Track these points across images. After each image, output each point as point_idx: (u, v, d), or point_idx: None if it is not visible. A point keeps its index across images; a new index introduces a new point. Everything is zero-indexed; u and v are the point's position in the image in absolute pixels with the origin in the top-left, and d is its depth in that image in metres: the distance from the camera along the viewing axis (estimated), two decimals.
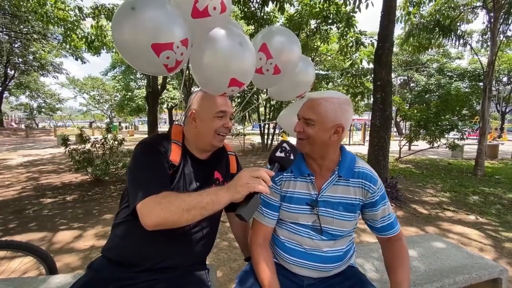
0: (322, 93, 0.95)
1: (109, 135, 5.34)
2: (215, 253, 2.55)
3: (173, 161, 0.96)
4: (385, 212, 1.00)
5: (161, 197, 0.80)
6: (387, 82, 4.09)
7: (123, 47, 0.95)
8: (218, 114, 1.02)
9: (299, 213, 0.99)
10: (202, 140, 1.03)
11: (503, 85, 23.39)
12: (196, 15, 1.03)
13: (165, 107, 20.11)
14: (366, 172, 0.99)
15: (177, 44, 0.95)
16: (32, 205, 3.91)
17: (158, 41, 0.91)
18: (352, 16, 7.15)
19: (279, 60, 1.22)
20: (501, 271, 1.32)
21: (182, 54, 0.99)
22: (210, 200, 0.77)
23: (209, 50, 1.03)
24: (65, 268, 2.27)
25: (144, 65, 1.00)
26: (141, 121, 50.47)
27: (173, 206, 0.77)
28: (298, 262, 1.00)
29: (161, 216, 0.77)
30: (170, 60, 0.96)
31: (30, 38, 16.38)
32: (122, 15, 0.90)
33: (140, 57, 0.95)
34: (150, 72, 1.10)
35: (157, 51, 0.92)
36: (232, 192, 0.77)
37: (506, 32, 7.26)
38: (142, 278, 0.91)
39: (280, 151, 0.84)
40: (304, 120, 0.95)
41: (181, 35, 0.96)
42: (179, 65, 1.03)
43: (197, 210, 0.76)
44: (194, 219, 0.78)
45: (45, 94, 30.46)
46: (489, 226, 3.42)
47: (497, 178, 6.47)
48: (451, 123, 7.40)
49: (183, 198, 0.79)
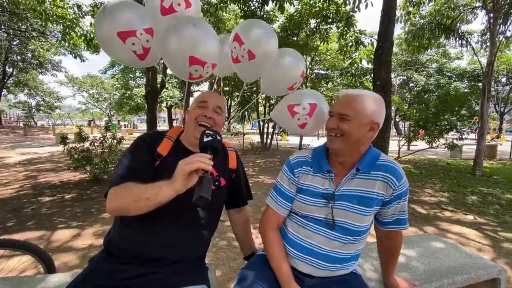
0: (356, 90, 0.95)
1: (108, 133, 5.33)
2: (214, 252, 2.54)
3: (160, 152, 1.03)
4: (396, 210, 0.99)
5: (119, 188, 0.88)
6: (386, 82, 4.09)
7: (101, 39, 1.16)
8: (199, 104, 1.09)
9: (313, 205, 0.99)
10: (188, 132, 1.08)
11: (502, 86, 23.43)
12: (164, 12, 1.23)
13: (164, 106, 20.02)
14: (392, 166, 0.96)
15: (140, 32, 1.12)
16: (30, 204, 3.89)
17: (123, 29, 1.11)
18: (352, 15, 7.16)
19: (251, 44, 1.28)
20: (500, 271, 1.32)
21: (148, 41, 1.16)
22: (154, 192, 0.80)
23: (169, 36, 1.18)
24: (63, 267, 2.26)
25: (116, 52, 1.18)
26: (140, 119, 50.37)
27: (124, 197, 0.85)
28: (302, 257, 1.00)
29: (116, 203, 0.86)
30: (136, 46, 1.14)
31: (29, 35, 16.31)
32: (99, 14, 1.14)
33: (112, 45, 1.14)
34: (124, 60, 1.25)
35: (122, 38, 1.11)
36: (172, 182, 0.79)
37: (506, 33, 7.27)
38: (141, 271, 0.92)
39: (206, 137, 0.87)
40: (339, 116, 0.94)
41: (145, 24, 1.14)
42: (148, 52, 1.19)
43: (142, 201, 0.81)
44: (142, 209, 0.82)
45: (44, 92, 30.37)
46: (487, 226, 3.43)
47: (495, 178, 6.49)
48: (450, 123, 7.41)
49: (133, 189, 0.85)
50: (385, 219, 1.02)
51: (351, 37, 7.90)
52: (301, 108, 1.32)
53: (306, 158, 1.05)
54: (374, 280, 1.22)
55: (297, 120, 1.34)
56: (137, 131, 29.50)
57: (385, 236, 1.07)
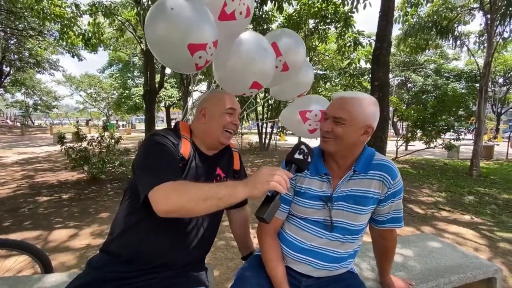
0: (352, 93, 0.94)
1: (106, 133, 5.31)
2: (212, 252, 2.54)
3: (184, 155, 0.96)
4: (391, 208, 0.99)
5: (179, 183, 0.79)
6: (384, 83, 4.10)
7: (158, 45, 1.02)
8: (228, 110, 1.04)
9: (311, 208, 0.99)
10: (211, 136, 1.04)
11: (499, 86, 23.59)
12: (223, 18, 1.11)
13: (162, 105, 19.99)
14: (387, 165, 0.96)
15: (209, 45, 1.02)
16: (27, 204, 3.87)
17: (195, 42, 0.98)
18: (350, 16, 7.17)
19: (288, 57, 1.30)
20: (496, 271, 1.33)
21: (212, 54, 1.06)
22: (227, 193, 0.75)
23: (236, 53, 1.09)
24: (60, 267, 2.26)
25: (175, 61, 1.07)
26: (139, 119, 50.21)
27: (190, 194, 0.76)
28: (300, 257, 1.00)
29: (177, 202, 0.75)
30: (201, 60, 1.03)
31: (26, 34, 16.18)
32: (158, 14, 0.96)
33: (173, 54, 1.02)
34: (179, 69, 1.17)
35: (191, 51, 1.00)
36: (250, 188, 0.76)
37: (503, 34, 7.31)
38: (141, 276, 0.91)
39: (299, 153, 0.83)
40: (333, 119, 0.92)
41: (214, 37, 1.03)
42: (207, 63, 1.10)
43: (213, 201, 0.75)
44: (210, 210, 0.76)
45: (41, 92, 30.15)
46: (484, 226, 3.45)
47: (492, 178, 6.53)
48: (447, 124, 7.45)
49: (201, 187, 0.78)
50: (380, 218, 1.02)
51: (350, 38, 7.92)
52: (313, 114, 1.38)
53: None
54: (371, 279, 1.22)
55: (308, 125, 1.40)
56: (135, 130, 29.41)
57: (380, 236, 1.08)
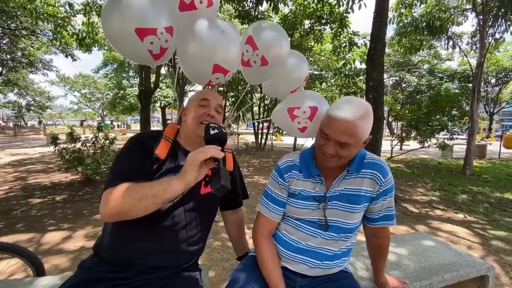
0: (353, 111, 0.86)
1: (101, 133, 5.26)
2: (207, 253, 2.53)
3: (158, 155, 0.96)
4: (383, 206, 1.00)
5: (116, 188, 0.80)
6: (379, 83, 4.13)
7: (111, 34, 1.00)
8: (201, 102, 1.04)
9: (306, 208, 0.99)
10: (189, 131, 1.04)
11: (491, 87, 23.93)
12: (183, 8, 1.09)
13: (158, 105, 19.85)
14: (378, 163, 0.98)
15: (161, 30, 0.99)
16: (20, 206, 3.81)
17: (142, 26, 0.96)
18: (346, 16, 7.20)
19: (265, 51, 1.22)
20: (488, 269, 1.34)
21: (167, 41, 1.03)
22: (161, 188, 0.75)
23: (194, 40, 1.07)
24: (53, 270, 2.23)
25: (128, 50, 1.05)
26: (134, 119, 49.84)
27: (125, 196, 0.77)
28: (295, 257, 1.01)
29: (114, 206, 0.77)
30: (154, 46, 1.01)
31: (19, 34, 15.95)
32: (109, 5, 0.97)
33: (126, 42, 0.99)
34: (136, 59, 1.13)
35: (140, 36, 0.97)
36: (183, 176, 0.75)
37: (495, 35, 7.43)
38: (133, 277, 0.90)
39: (212, 129, 0.86)
40: (337, 143, 0.88)
41: (166, 22, 1.01)
42: (164, 52, 1.07)
43: (148, 199, 0.75)
44: (148, 208, 0.76)
45: (34, 92, 29.70)
46: (477, 224, 3.50)
47: (485, 177, 6.63)
48: (441, 123, 7.54)
49: (136, 188, 0.78)
50: (373, 216, 1.03)
51: (345, 38, 7.96)
52: (302, 111, 1.24)
53: (294, 162, 1.04)
54: (366, 279, 1.23)
55: (297, 123, 1.27)
56: (130, 131, 29.17)
57: (373, 234, 1.08)
